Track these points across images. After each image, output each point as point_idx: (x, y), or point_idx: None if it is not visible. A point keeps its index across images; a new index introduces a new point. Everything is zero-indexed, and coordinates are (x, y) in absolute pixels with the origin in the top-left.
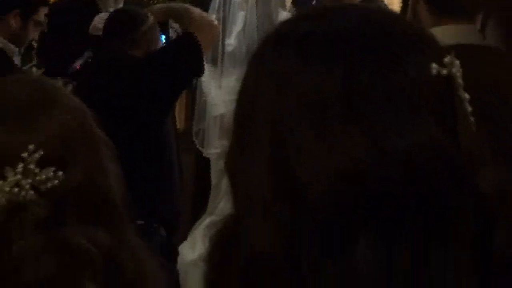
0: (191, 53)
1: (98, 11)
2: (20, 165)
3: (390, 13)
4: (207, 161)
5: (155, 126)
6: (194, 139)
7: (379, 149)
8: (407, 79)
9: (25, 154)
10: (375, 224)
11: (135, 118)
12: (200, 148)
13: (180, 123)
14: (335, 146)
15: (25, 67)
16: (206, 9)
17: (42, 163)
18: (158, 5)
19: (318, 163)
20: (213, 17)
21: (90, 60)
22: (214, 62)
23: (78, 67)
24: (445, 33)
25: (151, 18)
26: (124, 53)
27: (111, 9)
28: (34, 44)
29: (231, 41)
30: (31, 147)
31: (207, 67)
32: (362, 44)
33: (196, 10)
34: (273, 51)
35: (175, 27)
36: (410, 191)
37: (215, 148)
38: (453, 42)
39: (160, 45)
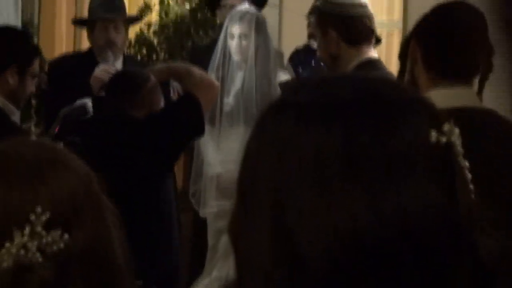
0: (192, 114)
1: (97, 65)
2: (28, 228)
3: (388, 80)
4: (204, 221)
5: (156, 184)
6: (191, 199)
7: (378, 208)
8: (405, 143)
9: (32, 217)
10: (374, 281)
11: (137, 175)
12: (196, 208)
13: (178, 183)
14: (334, 204)
15: (24, 126)
16: (205, 68)
17: (48, 225)
18: (160, 65)
19: (318, 222)
20: (212, 76)
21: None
22: (212, 121)
23: (56, 130)
24: (442, 96)
25: (152, 79)
26: (125, 113)
27: (110, 61)
28: (33, 102)
29: (229, 101)
30: (39, 209)
31: (205, 127)
32: (361, 109)
33: (197, 71)
34: (274, 119)
35: (175, 86)
36: (408, 249)
37: (211, 208)
38: (450, 106)
39: (161, 105)
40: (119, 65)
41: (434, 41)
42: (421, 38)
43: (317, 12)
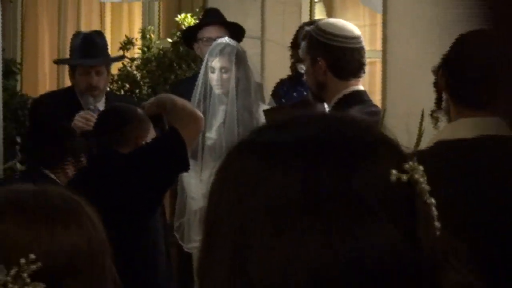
0: (175, 149)
1: (79, 106)
2: (14, 269)
3: (354, 120)
4: (189, 255)
5: (144, 219)
6: (175, 233)
7: (334, 249)
8: (364, 184)
9: (22, 261)
10: None
11: (123, 210)
12: (180, 242)
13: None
14: (291, 243)
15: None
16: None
17: (36, 276)
18: (151, 99)
19: (274, 260)
20: None
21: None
22: (194, 156)
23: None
24: (468, 125)
25: (140, 114)
26: (110, 149)
27: (91, 106)
28: (18, 139)
29: (211, 135)
30: (32, 256)
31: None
32: (321, 150)
33: (180, 102)
34: (236, 159)
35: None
36: None
37: (195, 242)
38: (476, 134)
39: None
40: (101, 104)
41: (456, 70)
42: (446, 68)
43: (308, 38)
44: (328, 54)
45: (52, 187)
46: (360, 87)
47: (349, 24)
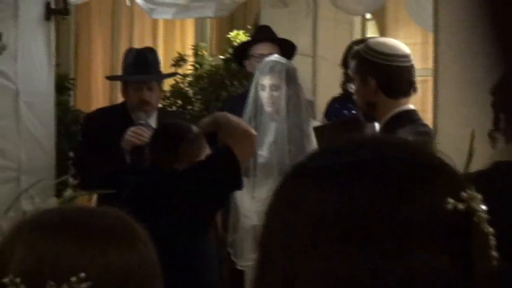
0: (229, 168)
1: (131, 122)
2: (64, 286)
3: (408, 144)
4: (241, 272)
5: (195, 236)
6: (229, 249)
7: (383, 275)
8: (417, 210)
9: (73, 279)
10: None
11: (175, 227)
12: (233, 259)
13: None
14: (341, 275)
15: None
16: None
17: None
18: (207, 118)
19: (323, 285)
20: None
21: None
22: (246, 173)
23: None
24: None
25: (195, 131)
26: (165, 166)
27: (143, 121)
28: (71, 154)
29: (263, 153)
30: (82, 275)
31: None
32: (372, 177)
33: (234, 120)
34: (289, 184)
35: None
36: None
37: (248, 260)
38: None
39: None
40: (153, 120)
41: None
42: (503, 87)
43: (357, 57)
44: (378, 73)
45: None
46: (411, 106)
47: (399, 42)
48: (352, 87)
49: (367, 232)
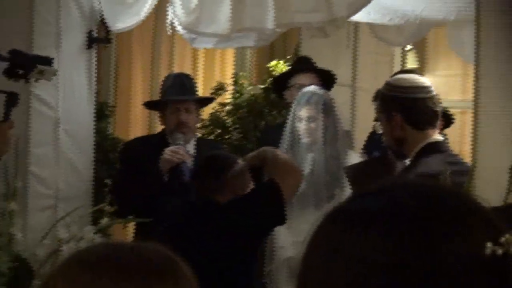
0: (273, 202)
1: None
2: None
3: (446, 189)
4: None
5: (239, 269)
6: (264, 280)
7: None
8: (457, 257)
9: None
10: None
11: (218, 260)
12: None
13: None
14: None
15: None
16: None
17: None
18: (254, 152)
19: None
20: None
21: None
22: None
23: None
24: None
25: (240, 164)
26: (208, 197)
27: (180, 142)
28: (108, 181)
29: None
30: None
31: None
32: (413, 221)
33: (282, 156)
34: (327, 226)
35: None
36: None
37: None
38: None
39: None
40: (191, 147)
41: None
42: None
43: (380, 96)
44: (401, 107)
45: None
46: (439, 137)
47: (418, 76)
48: (379, 128)
49: (405, 279)
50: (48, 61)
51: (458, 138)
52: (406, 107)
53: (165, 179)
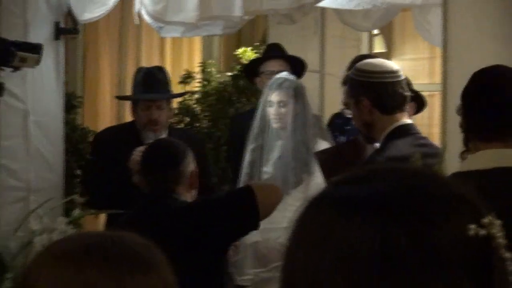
0: (248, 208)
1: (140, 141)
2: None
3: (428, 174)
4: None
5: (208, 269)
6: (232, 268)
7: None
8: (442, 239)
9: None
10: None
11: (189, 261)
12: (235, 277)
13: None
14: None
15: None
16: (247, 135)
17: None
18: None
19: None
20: (251, 146)
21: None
22: None
23: None
24: (487, 157)
25: (187, 148)
26: (175, 198)
27: (151, 141)
28: (78, 172)
29: (268, 169)
30: None
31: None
32: (398, 207)
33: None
34: (313, 213)
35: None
36: None
37: (248, 275)
38: (495, 166)
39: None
40: (164, 136)
41: (471, 106)
42: (465, 105)
43: (349, 81)
44: (370, 91)
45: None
46: (407, 120)
47: (385, 60)
48: (347, 112)
49: (396, 265)
50: (35, 47)
51: (427, 121)
52: (374, 91)
53: (134, 180)
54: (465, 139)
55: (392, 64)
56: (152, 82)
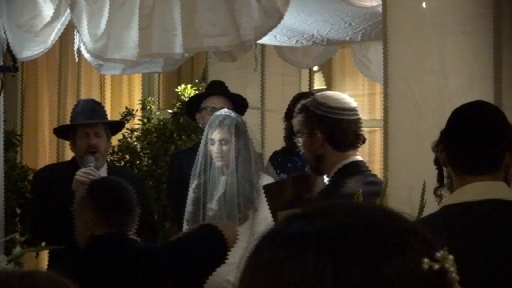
0: (214, 242)
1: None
2: None
3: (382, 209)
4: None
5: None
6: None
7: None
8: (396, 273)
9: None
10: None
11: None
12: None
13: None
14: None
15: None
16: (188, 172)
17: None
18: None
19: None
20: (194, 184)
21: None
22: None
23: None
24: (475, 190)
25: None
26: (132, 240)
27: (92, 164)
28: (18, 211)
29: (212, 206)
30: None
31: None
32: (351, 241)
33: None
34: (264, 250)
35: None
36: None
37: None
38: (484, 198)
39: None
40: (103, 173)
41: (455, 141)
42: (445, 141)
43: (305, 111)
44: (325, 126)
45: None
46: (358, 157)
47: (345, 96)
48: (299, 141)
49: None
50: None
51: (367, 157)
52: (330, 127)
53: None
54: (440, 175)
55: (351, 101)
56: (90, 111)
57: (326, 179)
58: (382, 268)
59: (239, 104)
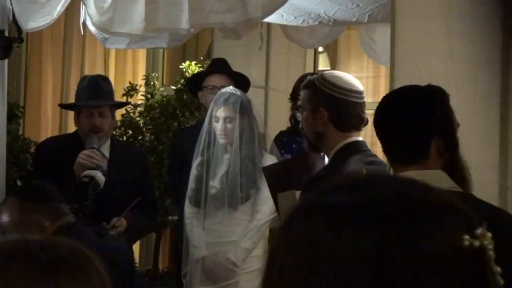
0: None
1: (83, 148)
2: None
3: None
4: None
5: None
6: (183, 280)
7: None
8: (437, 250)
9: None
10: None
11: None
12: None
13: (164, 263)
14: None
15: None
16: (191, 149)
17: None
18: None
19: None
20: (197, 161)
21: None
22: (197, 204)
23: None
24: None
25: None
26: None
27: (95, 145)
28: (19, 183)
29: (215, 184)
30: None
31: (191, 209)
32: (392, 216)
33: None
34: (302, 223)
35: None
36: None
37: None
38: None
39: None
40: (106, 150)
41: (383, 131)
42: (378, 128)
43: (311, 87)
44: (330, 105)
45: (62, 238)
46: (359, 137)
47: (354, 78)
48: (300, 116)
49: (390, 273)
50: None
51: (370, 139)
52: (336, 106)
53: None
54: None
55: (359, 84)
56: (96, 89)
57: (325, 158)
58: (420, 242)
59: (241, 83)
